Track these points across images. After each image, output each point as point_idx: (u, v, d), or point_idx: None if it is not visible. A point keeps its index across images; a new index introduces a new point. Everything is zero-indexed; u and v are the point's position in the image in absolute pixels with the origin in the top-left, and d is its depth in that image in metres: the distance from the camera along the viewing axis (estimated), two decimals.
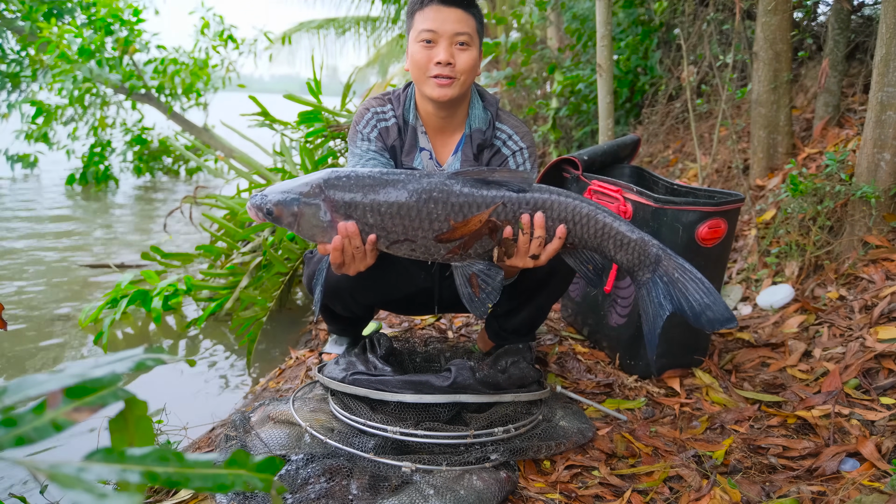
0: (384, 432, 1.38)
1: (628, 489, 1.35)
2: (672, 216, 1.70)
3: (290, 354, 2.25)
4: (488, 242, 1.29)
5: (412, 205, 1.24)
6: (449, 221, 1.25)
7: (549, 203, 1.26)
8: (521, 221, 1.26)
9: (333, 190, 1.26)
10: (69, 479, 0.27)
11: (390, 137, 1.61)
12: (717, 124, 3.03)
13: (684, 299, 1.26)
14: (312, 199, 1.26)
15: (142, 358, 0.39)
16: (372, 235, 1.27)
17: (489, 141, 1.60)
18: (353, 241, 1.27)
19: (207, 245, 2.90)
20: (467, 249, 1.29)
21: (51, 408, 0.33)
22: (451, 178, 1.26)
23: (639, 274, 1.30)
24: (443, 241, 1.27)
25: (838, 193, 2.23)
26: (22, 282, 3.36)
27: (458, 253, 1.30)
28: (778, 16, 2.73)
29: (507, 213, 1.26)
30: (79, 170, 6.55)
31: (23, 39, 6.49)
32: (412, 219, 1.25)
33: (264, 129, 3.47)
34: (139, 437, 0.35)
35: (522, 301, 1.72)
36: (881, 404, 1.60)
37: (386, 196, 1.25)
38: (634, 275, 1.31)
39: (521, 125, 1.63)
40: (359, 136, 1.61)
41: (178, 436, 1.77)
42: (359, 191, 1.25)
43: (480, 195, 1.25)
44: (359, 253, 1.28)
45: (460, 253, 1.30)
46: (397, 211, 1.25)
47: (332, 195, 1.26)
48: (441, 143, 1.63)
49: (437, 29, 1.46)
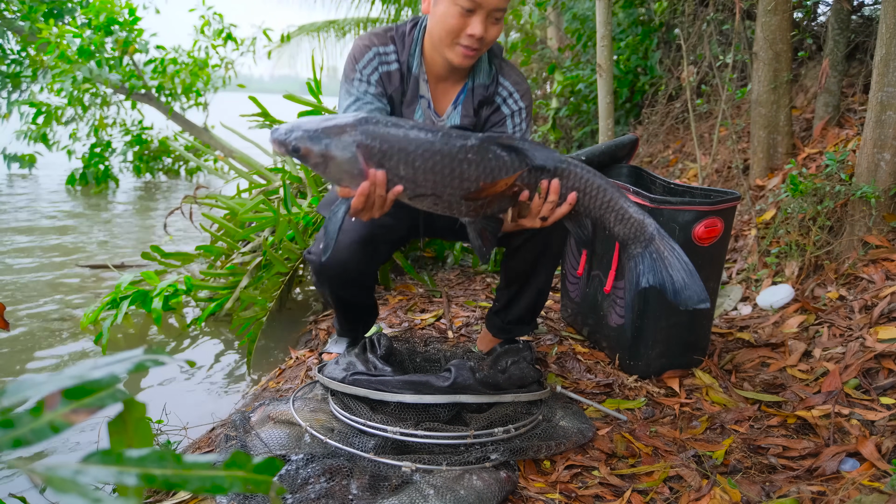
0: (384, 432, 1.38)
1: (628, 489, 1.35)
2: (668, 216, 1.70)
3: (290, 354, 2.25)
4: (506, 203, 1.36)
5: (447, 163, 1.27)
6: (479, 182, 1.30)
7: (566, 172, 1.34)
8: (540, 186, 1.33)
9: (369, 137, 1.25)
10: (65, 483, 0.27)
11: (391, 85, 1.55)
12: (717, 124, 3.03)
13: (667, 276, 1.35)
14: (346, 143, 1.24)
15: (141, 359, 0.39)
16: (399, 186, 1.27)
17: (491, 97, 1.59)
18: (379, 189, 1.26)
19: (207, 245, 2.90)
20: (488, 209, 1.36)
21: (49, 409, 0.33)
22: (485, 142, 1.29)
23: (631, 247, 1.39)
24: (468, 200, 1.32)
25: (838, 193, 2.22)
26: (22, 282, 3.36)
27: (478, 211, 1.36)
28: (778, 16, 2.73)
29: (530, 178, 1.33)
30: (79, 170, 6.54)
31: (23, 40, 6.48)
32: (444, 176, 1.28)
33: (264, 130, 3.47)
34: (138, 439, 0.35)
35: (520, 287, 1.74)
36: (881, 404, 1.60)
37: (422, 151, 1.26)
38: (626, 247, 1.40)
39: (522, 81, 1.63)
40: (357, 75, 1.53)
41: (178, 436, 1.77)
42: (395, 142, 1.26)
43: (511, 160, 1.31)
44: (380, 201, 1.28)
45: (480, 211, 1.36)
46: (431, 167, 1.27)
47: (368, 143, 1.25)
48: (441, 91, 1.61)
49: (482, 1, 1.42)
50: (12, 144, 6.66)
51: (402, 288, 2.76)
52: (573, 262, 2.09)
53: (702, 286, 1.34)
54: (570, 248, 2.11)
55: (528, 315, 1.83)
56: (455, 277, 2.90)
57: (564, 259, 2.17)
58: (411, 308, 2.50)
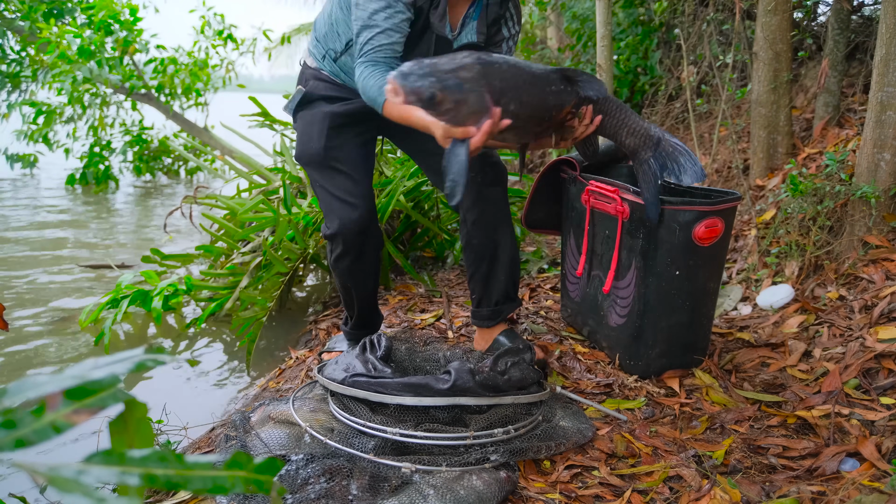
0: (384, 433, 1.38)
1: (628, 489, 1.35)
2: (669, 216, 1.70)
3: (290, 354, 2.25)
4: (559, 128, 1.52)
5: (541, 97, 1.38)
6: (552, 112, 1.42)
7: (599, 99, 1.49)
8: (582, 113, 1.48)
9: (491, 77, 1.30)
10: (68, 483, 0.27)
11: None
12: (717, 124, 3.03)
13: (674, 166, 1.57)
14: (476, 85, 1.29)
15: (142, 359, 0.39)
16: (507, 120, 1.31)
17: (499, 17, 1.64)
18: (496, 126, 1.30)
19: (207, 245, 2.90)
20: (545, 134, 1.49)
21: (50, 410, 0.33)
22: (556, 73, 1.41)
23: (641, 154, 1.57)
24: (538, 129, 1.46)
25: (838, 193, 2.23)
26: (22, 282, 3.36)
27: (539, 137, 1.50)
28: (778, 16, 2.73)
29: (576, 106, 1.48)
30: (79, 170, 6.54)
31: (23, 40, 6.48)
32: (536, 109, 1.39)
33: (264, 130, 3.47)
34: (139, 439, 0.35)
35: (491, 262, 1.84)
36: (881, 404, 1.60)
37: (527, 87, 1.35)
38: (637, 154, 1.58)
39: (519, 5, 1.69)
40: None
41: (178, 436, 1.77)
42: (510, 79, 1.33)
43: (569, 91, 1.43)
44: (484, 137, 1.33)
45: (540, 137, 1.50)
46: (530, 101, 1.36)
47: (492, 82, 1.30)
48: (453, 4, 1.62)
49: None
50: (13, 145, 6.66)
51: (402, 288, 2.76)
52: (573, 263, 2.09)
53: (700, 167, 1.56)
54: (570, 248, 2.11)
55: (512, 288, 1.90)
56: (455, 277, 2.90)
57: (564, 259, 2.17)
58: (411, 308, 2.50)
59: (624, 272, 1.84)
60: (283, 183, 2.72)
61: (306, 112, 1.79)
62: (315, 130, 1.74)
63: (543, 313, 2.38)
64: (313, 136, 1.74)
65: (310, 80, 1.80)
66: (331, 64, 1.77)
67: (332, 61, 1.76)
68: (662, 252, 1.73)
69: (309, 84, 1.80)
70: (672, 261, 1.74)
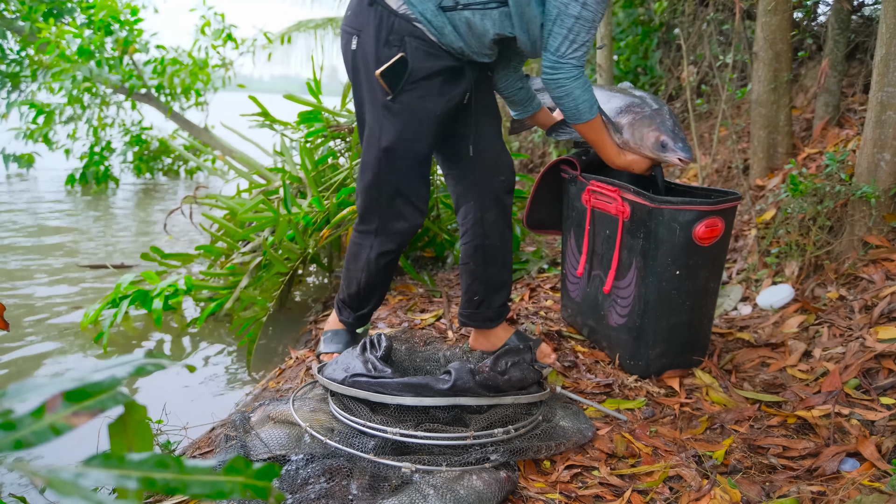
0: (384, 433, 1.38)
1: (628, 489, 1.35)
2: (669, 216, 1.70)
3: (290, 354, 2.25)
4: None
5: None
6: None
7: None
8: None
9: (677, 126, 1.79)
10: (67, 486, 0.27)
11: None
12: (717, 124, 3.03)
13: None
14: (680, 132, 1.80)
15: (142, 363, 0.39)
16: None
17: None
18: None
19: (207, 245, 2.90)
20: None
21: (50, 411, 0.33)
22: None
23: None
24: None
25: (838, 193, 2.22)
26: (22, 282, 3.36)
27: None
28: (778, 16, 2.73)
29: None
30: (78, 170, 6.54)
31: (23, 40, 6.48)
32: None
33: (264, 130, 3.47)
34: (138, 442, 0.35)
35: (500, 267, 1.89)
36: (881, 404, 1.60)
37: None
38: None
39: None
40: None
41: (178, 436, 1.77)
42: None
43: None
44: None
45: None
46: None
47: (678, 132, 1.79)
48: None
49: None
50: (11, 144, 6.66)
51: (402, 288, 2.76)
52: (573, 263, 2.09)
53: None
54: (570, 248, 2.11)
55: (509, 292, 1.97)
56: (455, 277, 2.90)
57: (565, 259, 2.17)
58: (411, 308, 2.50)
59: (624, 272, 1.84)
60: (283, 183, 2.72)
61: (413, 98, 1.59)
62: (423, 130, 1.63)
63: (543, 313, 2.38)
64: (420, 135, 1.63)
65: (405, 38, 1.55)
66: (438, 14, 1.53)
67: (439, 11, 1.53)
68: (663, 252, 1.73)
69: (407, 47, 1.55)
70: (672, 261, 1.74)
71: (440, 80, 1.61)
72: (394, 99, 1.59)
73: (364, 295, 1.90)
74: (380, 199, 1.70)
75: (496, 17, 1.55)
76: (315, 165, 2.86)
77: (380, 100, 1.61)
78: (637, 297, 1.81)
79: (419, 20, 1.54)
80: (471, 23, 1.55)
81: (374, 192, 1.71)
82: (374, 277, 1.84)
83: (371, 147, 1.67)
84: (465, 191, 1.85)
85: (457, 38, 1.57)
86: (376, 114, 1.64)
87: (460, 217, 1.90)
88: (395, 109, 1.60)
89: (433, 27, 1.55)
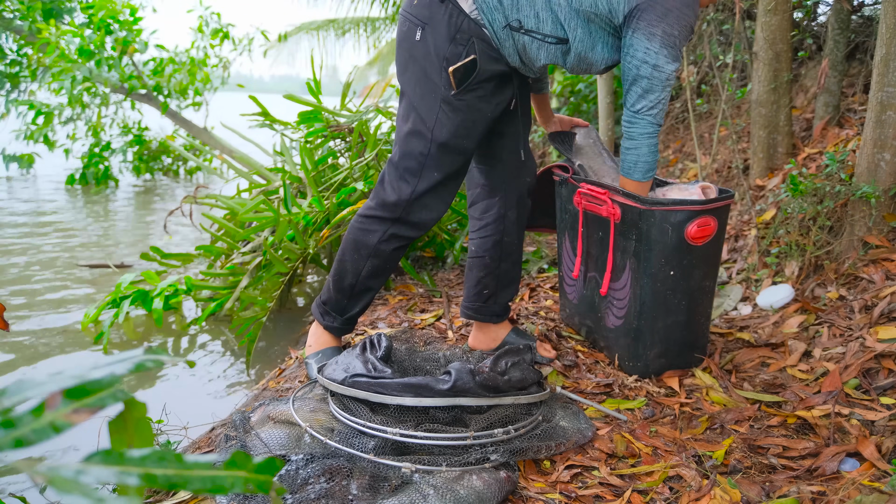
0: (384, 434, 1.38)
1: (628, 489, 1.35)
2: (661, 216, 1.70)
3: (290, 354, 2.25)
4: None
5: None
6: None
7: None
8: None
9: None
10: (67, 483, 0.27)
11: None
12: (717, 124, 3.03)
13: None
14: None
15: (141, 359, 0.39)
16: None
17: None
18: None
19: (207, 245, 2.90)
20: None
21: (49, 409, 0.33)
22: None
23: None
24: None
25: (838, 193, 2.23)
26: (22, 282, 3.36)
27: None
28: (778, 16, 2.73)
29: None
30: (78, 170, 6.54)
31: (22, 39, 6.48)
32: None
33: (264, 130, 3.47)
34: (138, 439, 0.35)
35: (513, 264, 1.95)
36: (881, 404, 1.60)
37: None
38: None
39: None
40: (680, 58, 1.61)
41: (178, 436, 1.77)
42: None
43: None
44: None
45: None
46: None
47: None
48: None
49: None
50: (11, 144, 6.65)
51: (402, 288, 2.76)
52: (569, 265, 2.09)
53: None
54: (565, 250, 2.11)
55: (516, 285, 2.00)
56: (455, 277, 2.90)
57: (561, 262, 2.17)
58: (411, 308, 2.50)
59: (619, 273, 1.84)
60: (284, 183, 2.72)
61: (474, 98, 1.64)
62: (476, 130, 1.67)
63: (543, 313, 2.38)
64: (472, 134, 1.67)
65: (473, 39, 1.61)
66: (503, 29, 1.61)
67: (506, 26, 1.60)
68: (656, 253, 1.73)
69: (476, 48, 1.61)
70: (666, 261, 1.74)
71: (493, 84, 1.67)
72: (457, 95, 1.63)
73: (359, 290, 1.80)
74: (416, 188, 1.69)
75: (552, 51, 1.63)
76: (315, 165, 2.86)
77: (441, 93, 1.63)
78: (633, 299, 1.81)
79: (487, 27, 1.61)
80: (526, 47, 1.63)
81: (413, 180, 1.69)
82: (382, 264, 1.77)
83: (421, 138, 1.67)
84: (493, 187, 1.88)
85: (513, 54, 1.65)
86: (432, 105, 1.65)
87: (478, 211, 1.91)
88: (456, 106, 1.64)
89: (497, 37, 1.62)
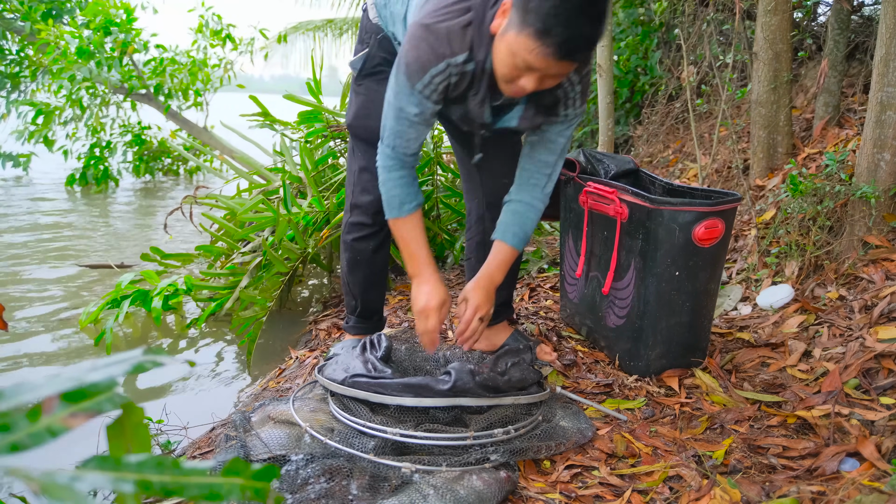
0: (384, 434, 1.38)
1: (628, 489, 1.35)
2: (668, 217, 1.70)
3: (290, 354, 2.25)
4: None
5: None
6: None
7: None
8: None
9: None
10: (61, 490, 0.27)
11: (460, 87, 1.42)
12: (717, 124, 3.03)
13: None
14: None
15: (140, 360, 0.39)
16: None
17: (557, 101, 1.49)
18: None
19: (207, 245, 2.90)
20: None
21: (46, 413, 0.32)
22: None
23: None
24: None
25: (838, 193, 2.22)
26: (22, 282, 3.36)
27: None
28: (778, 16, 2.73)
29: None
30: (78, 170, 6.54)
31: (22, 40, 6.48)
32: None
33: (264, 130, 3.47)
34: (136, 444, 0.35)
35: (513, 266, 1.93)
36: (881, 404, 1.60)
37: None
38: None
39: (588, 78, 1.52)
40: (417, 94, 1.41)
41: (179, 436, 1.77)
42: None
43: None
44: None
45: None
46: None
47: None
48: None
49: (544, 71, 1.29)
50: (10, 144, 6.65)
51: (402, 288, 2.76)
52: (572, 264, 2.09)
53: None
54: (568, 249, 2.11)
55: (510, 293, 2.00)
56: (455, 277, 2.90)
57: (563, 261, 2.17)
58: (411, 308, 2.50)
59: (623, 273, 1.84)
60: (283, 183, 2.71)
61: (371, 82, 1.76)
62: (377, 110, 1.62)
63: (543, 313, 2.38)
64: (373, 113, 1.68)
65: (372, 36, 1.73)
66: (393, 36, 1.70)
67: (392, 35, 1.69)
68: (662, 253, 1.73)
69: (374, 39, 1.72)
70: (672, 262, 1.74)
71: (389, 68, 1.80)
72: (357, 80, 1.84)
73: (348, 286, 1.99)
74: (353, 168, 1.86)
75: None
76: (315, 165, 2.86)
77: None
78: (636, 298, 1.81)
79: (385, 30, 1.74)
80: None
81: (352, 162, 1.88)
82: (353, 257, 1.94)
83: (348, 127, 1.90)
84: (467, 190, 1.93)
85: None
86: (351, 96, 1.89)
87: (467, 212, 1.96)
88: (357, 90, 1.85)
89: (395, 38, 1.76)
